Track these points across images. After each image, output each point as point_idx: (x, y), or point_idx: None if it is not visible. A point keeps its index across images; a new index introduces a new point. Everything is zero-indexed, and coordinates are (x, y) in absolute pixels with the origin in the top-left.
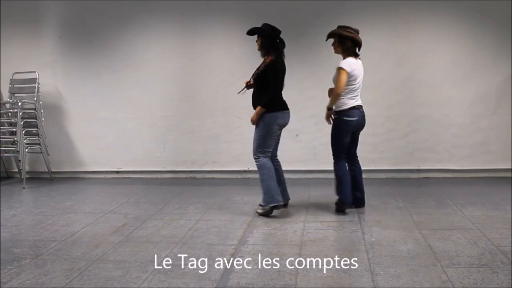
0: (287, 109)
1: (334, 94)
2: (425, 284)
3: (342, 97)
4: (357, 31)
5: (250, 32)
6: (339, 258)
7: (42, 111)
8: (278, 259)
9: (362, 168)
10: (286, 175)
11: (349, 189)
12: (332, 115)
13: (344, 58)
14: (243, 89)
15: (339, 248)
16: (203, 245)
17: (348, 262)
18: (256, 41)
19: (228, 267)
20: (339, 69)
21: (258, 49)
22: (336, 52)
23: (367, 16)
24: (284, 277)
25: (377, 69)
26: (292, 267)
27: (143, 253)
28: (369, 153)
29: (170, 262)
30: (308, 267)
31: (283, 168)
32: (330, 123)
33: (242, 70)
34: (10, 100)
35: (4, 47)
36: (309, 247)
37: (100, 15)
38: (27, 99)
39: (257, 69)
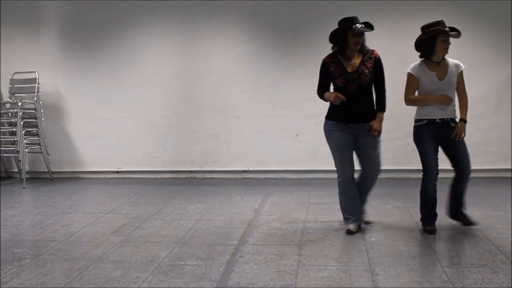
0: None
1: (467, 102)
2: (425, 284)
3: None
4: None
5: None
6: (339, 258)
7: (42, 111)
8: (278, 259)
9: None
10: (286, 175)
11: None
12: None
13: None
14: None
15: (339, 248)
16: (203, 245)
17: (348, 262)
18: (360, 36)
19: (228, 267)
20: (462, 72)
21: (360, 44)
22: (447, 51)
23: (367, 16)
24: (284, 277)
25: None
26: (292, 267)
27: (143, 253)
28: None
29: (170, 262)
30: (308, 267)
31: (284, 168)
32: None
33: (242, 70)
34: (10, 100)
35: (4, 47)
36: (309, 247)
37: (100, 15)
38: (27, 99)
39: (362, 67)
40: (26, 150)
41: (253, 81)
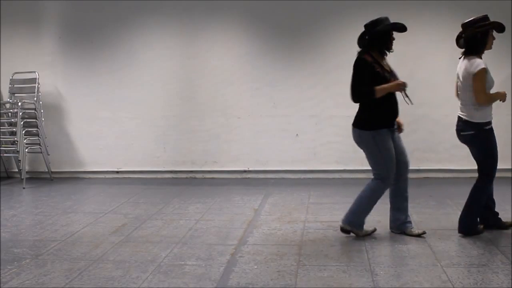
0: None
1: None
2: (425, 284)
3: None
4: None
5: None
6: (339, 258)
7: (42, 111)
8: (278, 259)
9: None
10: (286, 175)
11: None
12: None
13: None
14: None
15: (339, 248)
16: (203, 245)
17: (348, 262)
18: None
19: (228, 267)
20: None
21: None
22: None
23: (367, 16)
24: (284, 277)
25: None
26: (292, 267)
27: (143, 253)
28: None
29: (170, 262)
30: (308, 267)
31: (284, 168)
32: None
33: (242, 70)
34: (10, 100)
35: (4, 47)
36: (309, 247)
37: (100, 15)
38: (27, 99)
39: (391, 67)
40: (26, 150)
41: (253, 81)
